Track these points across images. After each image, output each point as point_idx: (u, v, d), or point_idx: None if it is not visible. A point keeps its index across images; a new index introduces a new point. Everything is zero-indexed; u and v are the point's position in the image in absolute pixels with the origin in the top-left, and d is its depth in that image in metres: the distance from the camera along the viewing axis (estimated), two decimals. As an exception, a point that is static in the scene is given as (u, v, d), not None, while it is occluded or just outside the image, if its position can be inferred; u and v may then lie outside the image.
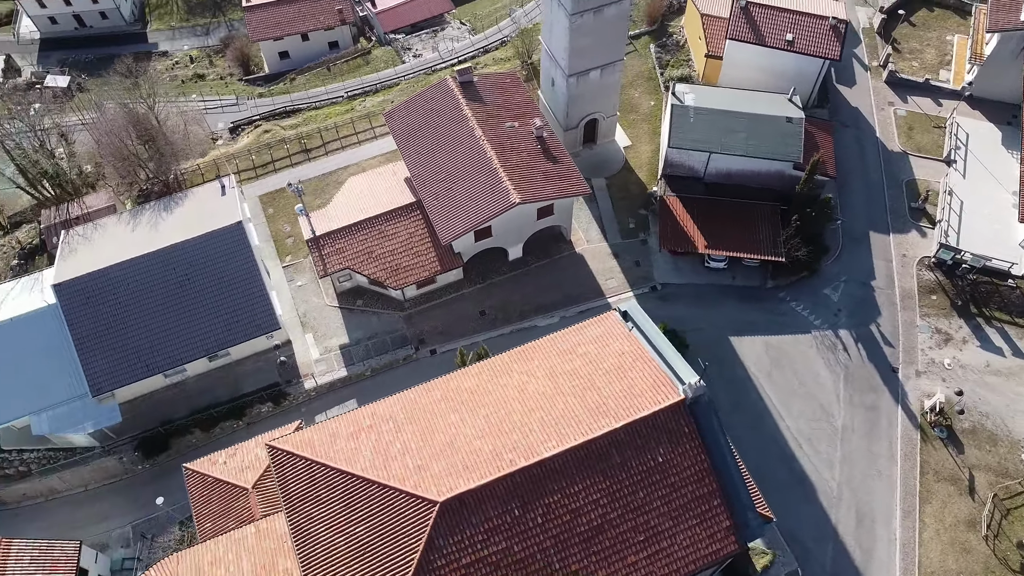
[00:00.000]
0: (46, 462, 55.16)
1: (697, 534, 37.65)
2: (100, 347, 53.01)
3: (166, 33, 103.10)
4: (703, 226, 59.21)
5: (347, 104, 77.67)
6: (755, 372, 56.25)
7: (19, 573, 47.50)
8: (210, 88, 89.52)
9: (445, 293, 60.23)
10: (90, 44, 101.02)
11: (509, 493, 36.68)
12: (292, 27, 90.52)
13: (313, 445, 40.06)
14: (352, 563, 36.67)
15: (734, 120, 59.50)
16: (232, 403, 55.77)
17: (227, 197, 58.66)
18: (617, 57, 59.64)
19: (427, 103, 60.65)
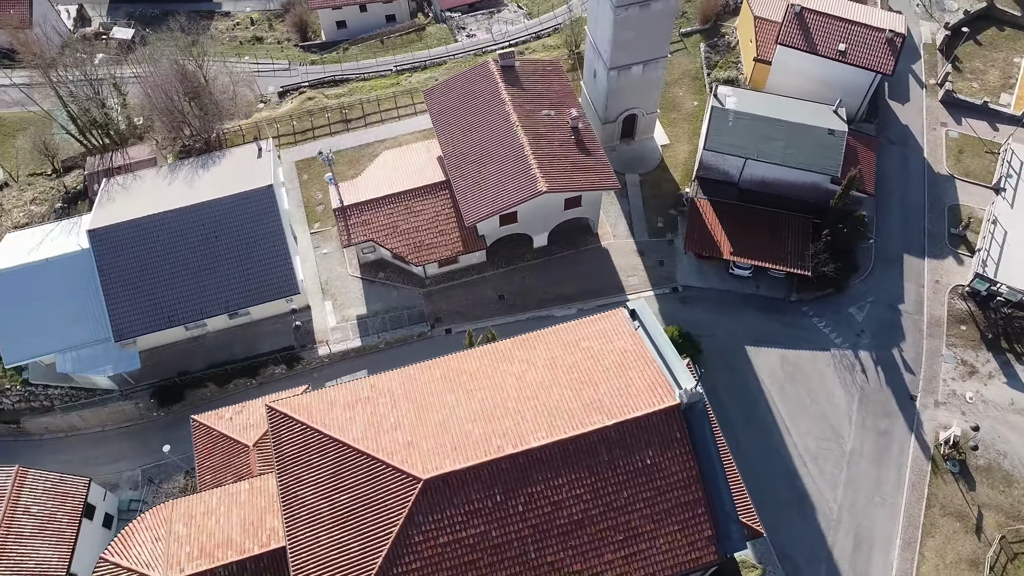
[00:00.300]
0: (68, 400, 57.25)
1: (677, 540, 37.48)
2: (126, 295, 54.66)
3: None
4: (731, 232, 58.38)
5: (394, 78, 78.19)
6: (768, 384, 55.47)
7: (31, 502, 49.66)
8: (266, 52, 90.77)
9: (466, 274, 60.57)
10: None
11: (493, 478, 36.98)
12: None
13: (310, 411, 40.87)
14: (333, 529, 37.46)
15: (774, 127, 58.38)
16: (247, 361, 57.10)
17: (262, 160, 59.76)
18: (661, 54, 58.93)
19: (466, 84, 60.76)
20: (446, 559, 36.29)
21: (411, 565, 36.10)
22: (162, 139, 67.78)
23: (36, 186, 70.13)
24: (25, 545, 48.46)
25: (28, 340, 54.95)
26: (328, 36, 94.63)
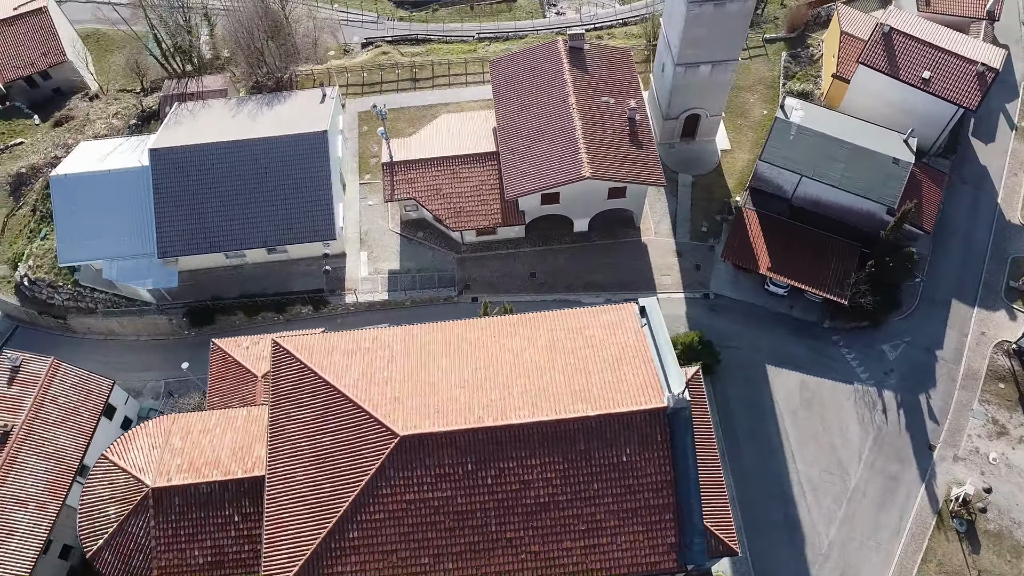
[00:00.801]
0: (110, 305, 60.48)
1: (639, 541, 37.48)
2: (175, 215, 57.19)
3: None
4: (773, 248, 57.00)
5: (473, 45, 78.62)
6: (782, 406, 54.31)
7: (59, 393, 52.95)
8: (358, 2, 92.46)
9: (502, 246, 61.01)
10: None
11: (468, 446, 37.63)
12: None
13: (312, 352, 42.23)
14: (311, 467, 38.87)
15: (836, 148, 56.49)
16: (277, 297, 59.14)
17: (323, 106, 61.27)
18: (732, 56, 57.51)
19: (532, 59, 60.73)
20: (409, 515, 37.26)
21: (375, 515, 37.21)
22: (239, 73, 70.12)
23: (121, 101, 73.52)
24: (47, 432, 51.82)
25: (83, 243, 58.16)
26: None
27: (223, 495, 41.10)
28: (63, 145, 68.65)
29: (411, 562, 37.11)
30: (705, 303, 58.34)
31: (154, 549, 40.76)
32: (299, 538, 37.51)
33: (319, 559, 36.96)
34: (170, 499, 40.99)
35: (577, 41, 59.91)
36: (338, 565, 36.97)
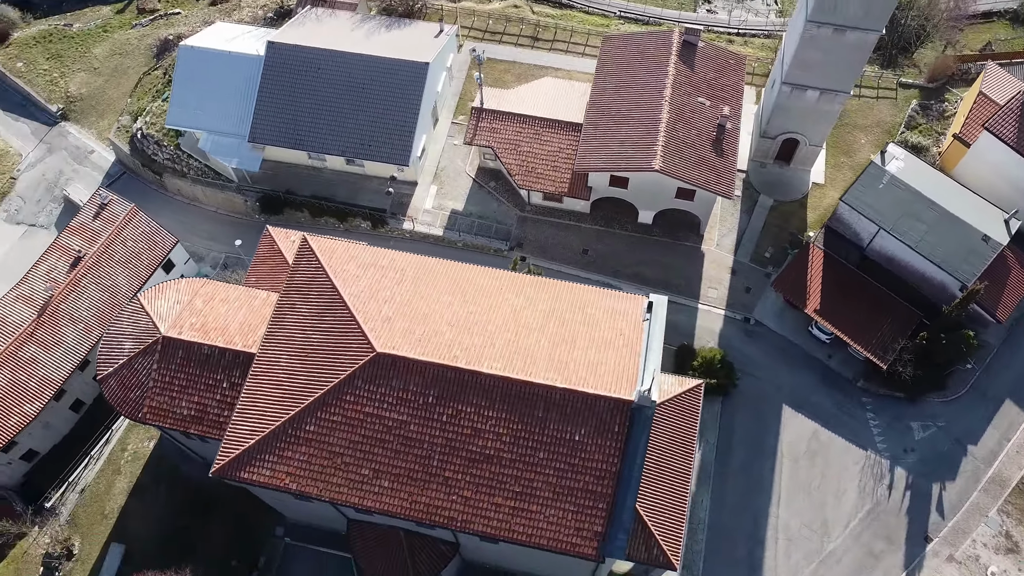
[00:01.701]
0: (200, 174, 65.40)
1: (566, 520, 37.97)
2: (273, 107, 60.92)
3: None
4: (828, 291, 54.81)
5: (609, 21, 78.32)
6: (785, 449, 52.78)
7: (129, 237, 58.27)
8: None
9: (565, 216, 61.55)
10: None
11: (435, 380, 39.08)
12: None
13: (332, 256, 44.61)
14: (294, 357, 41.48)
15: (925, 208, 53.43)
16: (343, 206, 62.22)
17: (437, 40, 63.17)
18: (843, 88, 55.04)
19: (643, 44, 60.23)
20: (363, 427, 39.25)
21: (333, 416, 39.45)
22: (380, -10, 73.09)
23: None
24: (111, 267, 57.33)
25: (190, 111, 63.06)
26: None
27: (219, 360, 44.45)
28: (209, 22, 73.90)
29: (352, 470, 39.18)
30: (743, 326, 56.99)
31: (150, 389, 44.73)
32: (264, 417, 40.31)
33: (274, 439, 39.65)
34: (175, 350, 44.75)
35: (692, 36, 58.93)
36: (288, 450, 39.54)
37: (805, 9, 51.83)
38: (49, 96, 75.25)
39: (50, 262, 57.32)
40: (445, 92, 66.71)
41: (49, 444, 56.63)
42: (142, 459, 53.87)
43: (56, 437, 56.81)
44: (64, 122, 73.86)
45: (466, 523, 38.41)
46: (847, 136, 64.46)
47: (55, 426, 56.28)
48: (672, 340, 55.96)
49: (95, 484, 53.46)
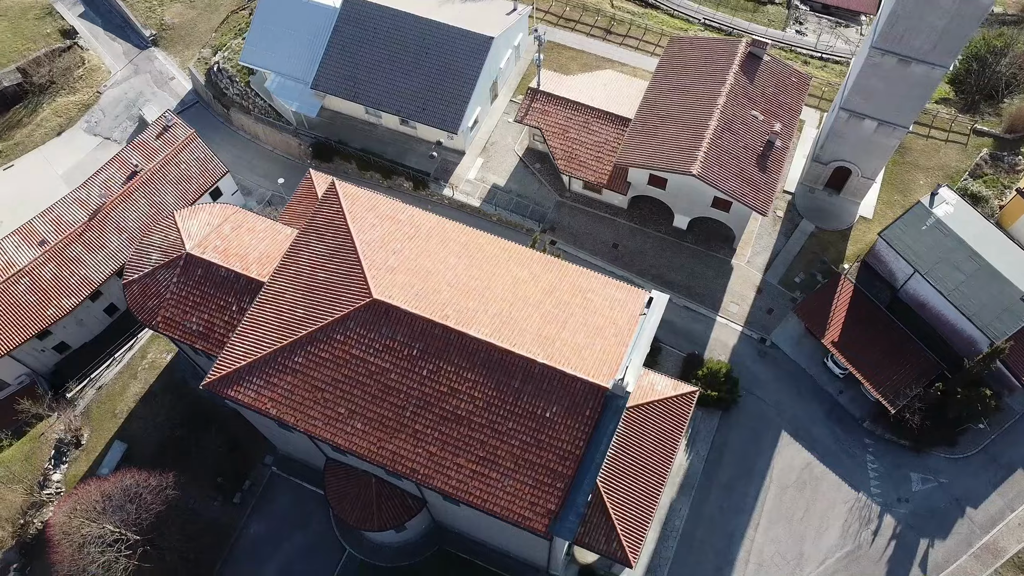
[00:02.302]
0: (263, 113, 68.00)
1: (523, 492, 38.44)
2: (339, 58, 62.92)
3: None
4: (850, 326, 53.51)
5: (691, 25, 77.77)
6: (775, 475, 51.90)
7: (183, 160, 61.22)
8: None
9: (602, 208, 61.68)
10: None
11: (421, 335, 40.08)
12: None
13: (354, 202, 46.00)
14: (298, 293, 43.08)
15: (965, 258, 51.54)
16: (390, 163, 63.86)
17: (508, 17, 64.05)
18: (902, 122, 53.45)
19: (708, 50, 59.70)
20: (347, 367, 40.56)
21: (321, 352, 40.88)
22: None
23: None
24: (162, 186, 60.36)
25: (263, 52, 65.75)
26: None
27: (233, 284, 46.52)
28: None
29: (330, 406, 40.56)
30: (757, 346, 56.15)
31: (166, 300, 47.17)
32: (259, 342, 42.06)
33: (264, 365, 41.35)
34: (195, 267, 47.04)
35: (759, 49, 58.09)
36: (275, 377, 41.19)
37: (873, 34, 50.58)
38: (145, 21, 79.25)
39: (109, 172, 60.75)
40: (508, 70, 67.53)
41: (80, 341, 60.16)
42: (157, 369, 56.70)
43: (88, 336, 60.30)
44: (154, 47, 77.73)
45: (427, 477, 39.34)
46: (906, 175, 62.51)
47: (88, 325, 59.74)
48: (683, 347, 55.89)
49: (112, 384, 56.58)
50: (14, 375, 58.47)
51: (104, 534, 43.51)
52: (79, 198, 59.61)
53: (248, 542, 51.52)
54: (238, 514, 52.17)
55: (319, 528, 51.35)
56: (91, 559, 43.18)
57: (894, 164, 63.08)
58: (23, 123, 76.65)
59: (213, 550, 50.72)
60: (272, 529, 51.76)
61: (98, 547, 43.43)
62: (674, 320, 57.05)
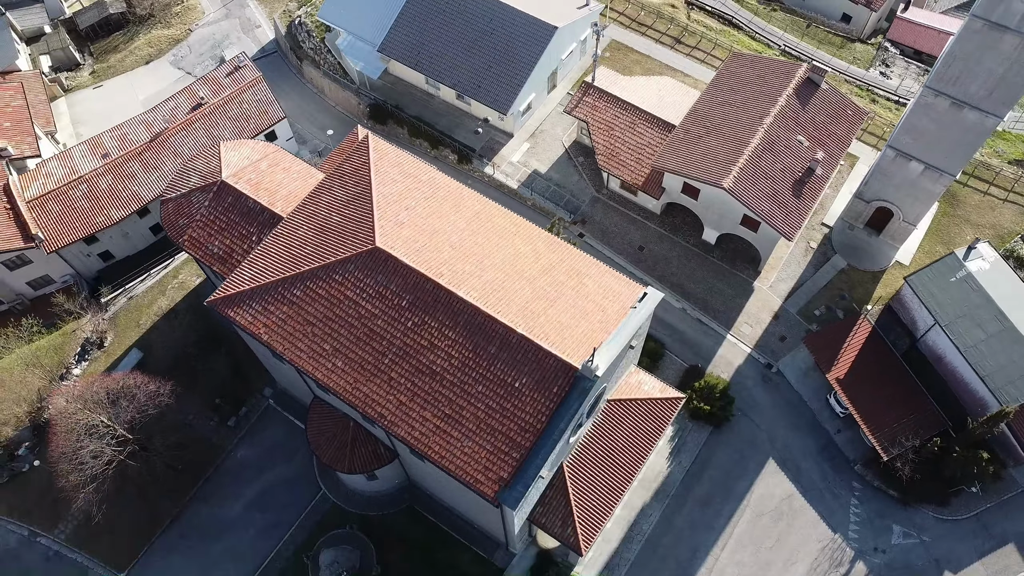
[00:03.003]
0: (331, 69, 70.73)
1: (479, 456, 39.19)
2: (408, 26, 64.99)
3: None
4: (859, 367, 52.27)
5: (768, 49, 77.09)
6: (753, 501, 51.21)
7: (245, 100, 64.21)
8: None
9: (635, 210, 61.92)
10: None
11: (414, 288, 41.33)
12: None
13: (382, 156, 47.54)
14: (310, 231, 44.96)
15: (991, 317, 49.85)
16: (439, 134, 65.59)
17: (579, 11, 64.89)
18: (949, 169, 51.98)
19: (765, 69, 59.23)
20: (339, 307, 42.17)
21: (318, 289, 42.64)
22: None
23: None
24: (221, 120, 63.44)
25: (340, 10, 68.52)
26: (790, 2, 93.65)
27: (257, 216, 48.83)
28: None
29: (316, 341, 42.23)
30: (763, 371, 55.47)
31: (196, 221, 49.85)
32: (265, 270, 44.12)
33: (265, 292, 43.35)
34: (227, 195, 49.57)
35: (817, 75, 57.34)
36: (272, 305, 43.13)
37: (931, 72, 49.45)
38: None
39: (178, 100, 64.38)
40: (571, 63, 68.36)
41: (124, 253, 63.79)
42: (185, 289, 59.77)
43: (131, 250, 63.89)
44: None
45: (393, 424, 40.57)
46: (954, 228, 60.61)
47: (133, 239, 63.31)
48: (688, 358, 55.78)
49: (141, 297, 59.95)
50: (60, 274, 62.41)
51: (97, 424, 46.25)
52: (146, 120, 63.36)
53: (234, 464, 53.87)
54: (230, 437, 54.60)
55: (301, 465, 53.28)
56: (81, 445, 45.99)
57: (943, 215, 61.28)
58: (119, 49, 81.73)
59: (200, 465, 53.26)
60: (258, 456, 53.98)
61: (89, 436, 46.21)
62: (684, 330, 56.92)
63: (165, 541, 51.58)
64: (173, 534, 51.78)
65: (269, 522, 51.72)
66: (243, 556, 50.78)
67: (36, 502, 52.63)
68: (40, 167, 61.84)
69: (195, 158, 53.48)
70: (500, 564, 49.79)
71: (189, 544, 51.44)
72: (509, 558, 49.89)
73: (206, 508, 52.51)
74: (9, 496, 53.46)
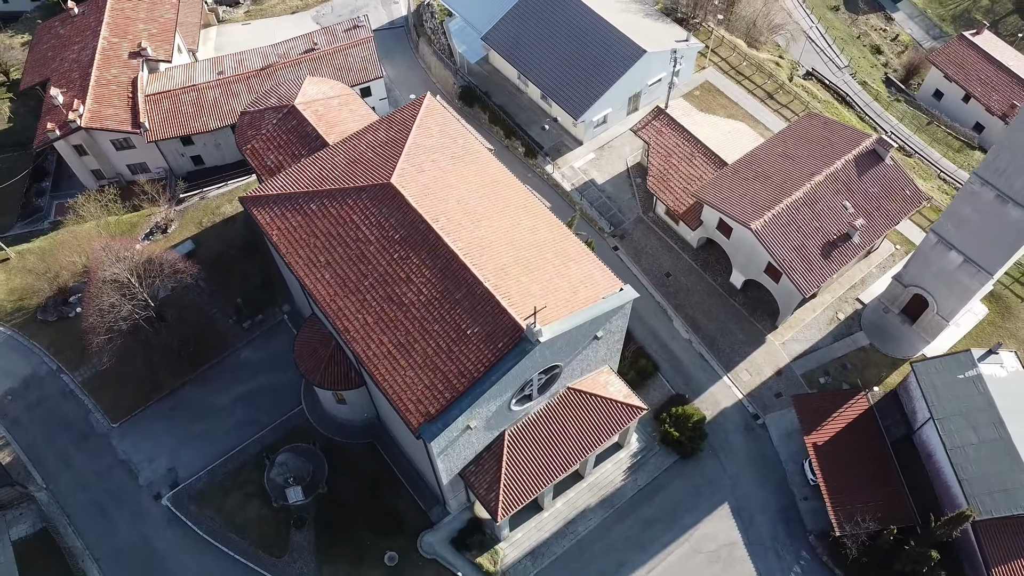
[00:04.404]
0: (439, 48, 75.95)
1: (415, 387, 41.29)
2: (513, 21, 69.34)
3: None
4: (841, 441, 50.66)
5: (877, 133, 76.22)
6: (693, 538, 50.56)
7: (349, 53, 70.14)
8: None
9: (673, 239, 62.81)
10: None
11: (409, 225, 44.44)
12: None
13: (432, 114, 51.27)
14: (347, 159, 49.20)
15: (989, 424, 47.55)
16: (515, 126, 69.14)
17: (676, 43, 66.71)
18: (987, 266, 49.94)
19: (833, 130, 59.14)
20: (343, 226, 45.93)
21: (330, 208, 46.65)
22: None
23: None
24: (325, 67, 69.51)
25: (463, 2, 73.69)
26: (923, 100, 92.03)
27: (311, 141, 53.51)
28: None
29: (315, 252, 45.97)
30: (747, 419, 54.81)
31: (261, 134, 55.25)
32: (295, 183, 48.66)
33: (287, 200, 47.85)
34: (292, 118, 54.83)
35: (882, 147, 56.72)
36: (289, 212, 47.47)
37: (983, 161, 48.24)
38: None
39: (296, 43, 71.33)
40: (657, 91, 70.17)
41: (213, 162, 70.79)
42: (249, 202, 65.65)
43: (220, 160, 70.77)
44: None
45: (354, 340, 43.52)
46: (997, 337, 57.67)
47: (223, 151, 70.09)
48: (677, 385, 56.15)
49: (211, 200, 66.46)
50: (156, 165, 70.10)
51: (124, 280, 52.00)
52: (264, 52, 70.49)
53: (236, 361, 58.51)
54: (241, 337, 59.39)
55: (291, 379, 57.05)
56: (106, 294, 51.83)
57: (990, 323, 58.57)
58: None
59: (208, 352, 58.22)
60: (259, 360, 58.36)
61: (115, 289, 52.02)
62: (683, 360, 57.20)
63: (157, 409, 56.62)
64: (165, 405, 56.76)
65: (248, 419, 55.76)
66: (217, 440, 54.99)
67: (70, 344, 59.05)
68: (167, 71, 70.00)
69: (281, 84, 59.31)
70: (433, 519, 51.51)
71: (176, 417, 56.23)
72: (443, 516, 51.53)
73: (200, 391, 57.25)
74: (52, 333, 60.35)
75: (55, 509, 53.03)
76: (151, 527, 52.13)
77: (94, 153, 67.77)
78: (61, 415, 56.78)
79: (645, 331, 58.40)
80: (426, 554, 50.47)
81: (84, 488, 53.75)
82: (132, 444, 55.29)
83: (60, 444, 55.61)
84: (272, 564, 50.39)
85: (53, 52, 72.39)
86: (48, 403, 57.36)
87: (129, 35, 71.10)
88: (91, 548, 51.52)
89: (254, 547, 51.01)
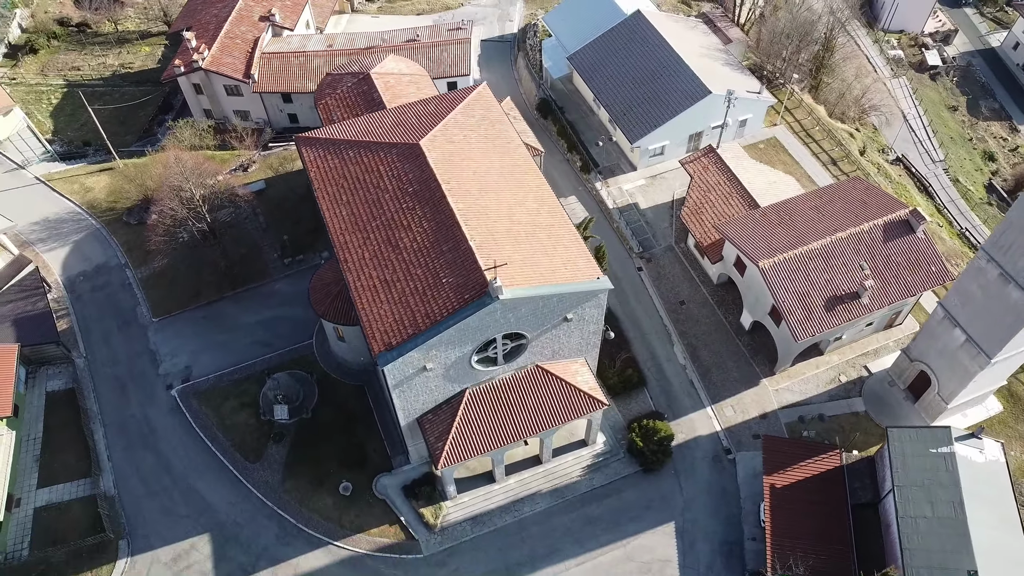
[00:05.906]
0: (531, 63, 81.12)
1: (385, 320, 44.96)
2: (599, 47, 74.08)
3: None
4: (800, 488, 50.19)
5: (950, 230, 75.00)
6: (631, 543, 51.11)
7: (446, 48, 76.25)
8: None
9: (697, 271, 64.22)
10: None
11: (423, 182, 48.97)
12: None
13: (479, 99, 56.36)
14: (393, 120, 54.51)
15: (950, 506, 45.82)
16: (579, 142, 72.97)
17: (747, 93, 69.06)
18: (987, 348, 48.71)
19: (873, 197, 59.22)
20: (368, 174, 51.08)
21: (362, 157, 52.12)
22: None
23: None
24: (422, 56, 75.95)
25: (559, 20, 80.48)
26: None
27: (375, 105, 59.57)
28: None
29: (342, 192, 51.28)
30: (718, 451, 55.09)
31: (336, 93, 61.75)
32: (344, 132, 54.40)
33: (333, 144, 53.77)
34: (365, 84, 61.41)
35: (915, 219, 56.44)
36: (331, 154, 53.31)
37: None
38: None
39: (401, 32, 78.37)
40: (721, 134, 72.00)
41: (307, 122, 78.32)
42: (323, 160, 72.28)
43: (313, 122, 77.63)
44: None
45: (348, 269, 47.92)
46: (1005, 438, 55.37)
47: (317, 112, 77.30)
48: (660, 404, 57.38)
49: (292, 152, 73.48)
50: (258, 116, 78.34)
51: (187, 189, 59.09)
52: (371, 35, 77.87)
53: (269, 290, 64.42)
54: (281, 270, 65.40)
55: (310, 317, 61.92)
56: (169, 198, 59.11)
57: (1000, 422, 56.42)
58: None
59: (249, 276, 64.45)
60: (288, 294, 63.97)
61: (179, 198, 59.18)
62: (673, 382, 58.32)
63: (192, 314, 63.14)
64: (199, 313, 63.22)
65: (263, 340, 61.20)
66: (232, 352, 60.66)
67: (139, 246, 66.82)
68: (287, 37, 78.55)
69: (366, 57, 65.89)
70: (394, 465, 54.64)
71: (205, 325, 62.50)
72: (403, 464, 54.60)
73: (232, 308, 63.38)
74: (129, 234, 68.57)
75: (86, 375, 59.96)
76: (156, 410, 58.04)
77: (208, 94, 76.70)
78: (115, 302, 64.32)
79: (643, 346, 59.96)
80: (378, 494, 53.61)
81: (113, 364, 60.56)
82: (163, 339, 61.82)
83: (107, 325, 62.95)
84: (244, 466, 54.98)
85: (202, 7, 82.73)
86: (108, 289, 65.13)
87: (265, 2, 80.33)
88: (103, 414, 57.90)
89: (234, 448, 55.83)
